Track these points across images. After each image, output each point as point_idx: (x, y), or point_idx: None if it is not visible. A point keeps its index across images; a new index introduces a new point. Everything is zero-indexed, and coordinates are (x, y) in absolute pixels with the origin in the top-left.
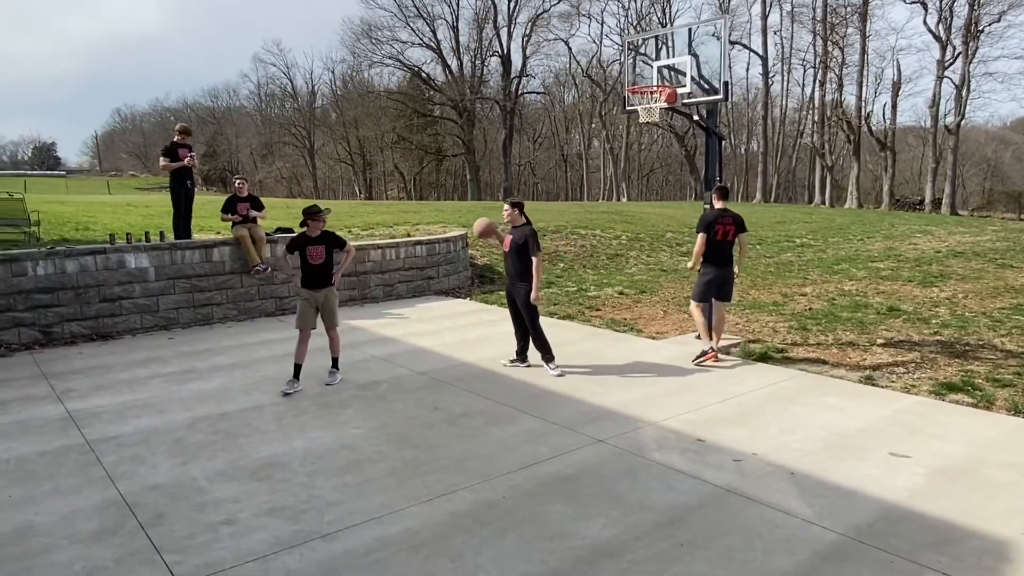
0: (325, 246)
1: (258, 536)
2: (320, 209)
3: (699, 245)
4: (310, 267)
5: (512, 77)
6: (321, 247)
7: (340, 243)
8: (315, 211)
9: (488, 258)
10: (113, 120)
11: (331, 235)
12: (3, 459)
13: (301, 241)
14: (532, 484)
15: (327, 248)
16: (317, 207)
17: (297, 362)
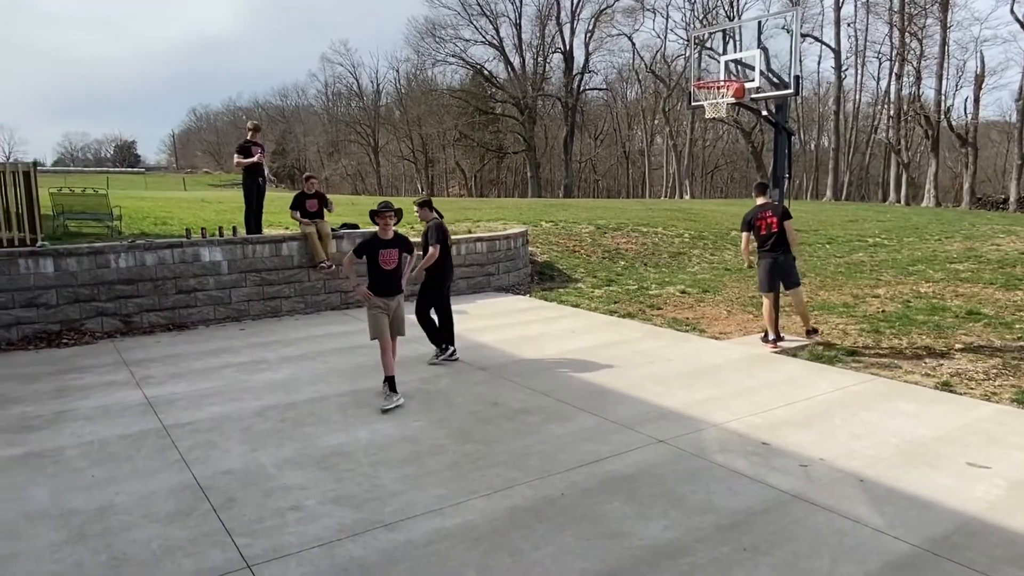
0: (398, 250)
1: (323, 523)
2: (392, 206)
3: (743, 243)
4: (382, 273)
5: (574, 74)
6: (394, 250)
7: (409, 247)
8: (385, 208)
9: (548, 255)
10: (189, 119)
11: (402, 238)
12: (87, 441)
13: (373, 244)
14: (591, 482)
15: (400, 252)
16: (389, 204)
17: (388, 374)
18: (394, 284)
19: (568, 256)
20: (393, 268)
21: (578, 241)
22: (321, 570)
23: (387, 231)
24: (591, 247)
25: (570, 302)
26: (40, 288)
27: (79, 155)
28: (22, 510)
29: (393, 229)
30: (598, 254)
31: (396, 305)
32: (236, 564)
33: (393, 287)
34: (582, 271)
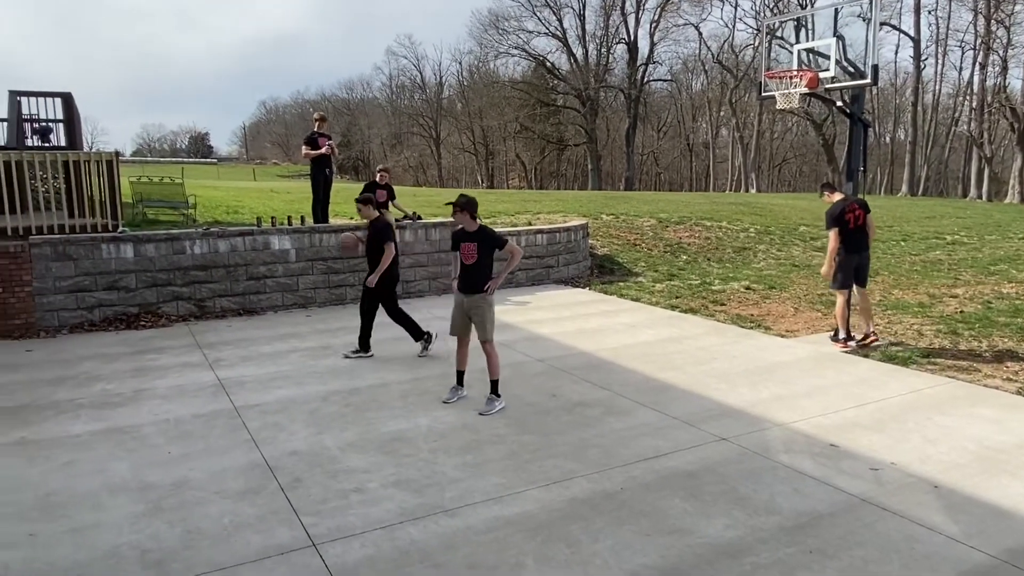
0: (477, 244)
1: (385, 506)
2: (469, 199)
3: (834, 241)
4: (463, 267)
5: (638, 65)
6: (472, 244)
7: (498, 242)
8: (459, 202)
9: (608, 248)
10: (259, 112)
11: (486, 232)
12: (164, 419)
13: (457, 236)
14: (650, 477)
15: (479, 247)
16: (466, 196)
17: (458, 368)
18: (471, 280)
19: (629, 249)
20: (472, 263)
21: (639, 234)
22: (383, 552)
23: (467, 224)
24: (652, 241)
25: (630, 296)
26: (120, 272)
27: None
28: (104, 482)
29: (478, 223)
30: (660, 248)
31: (472, 304)
32: (302, 542)
33: (469, 283)
34: (643, 265)
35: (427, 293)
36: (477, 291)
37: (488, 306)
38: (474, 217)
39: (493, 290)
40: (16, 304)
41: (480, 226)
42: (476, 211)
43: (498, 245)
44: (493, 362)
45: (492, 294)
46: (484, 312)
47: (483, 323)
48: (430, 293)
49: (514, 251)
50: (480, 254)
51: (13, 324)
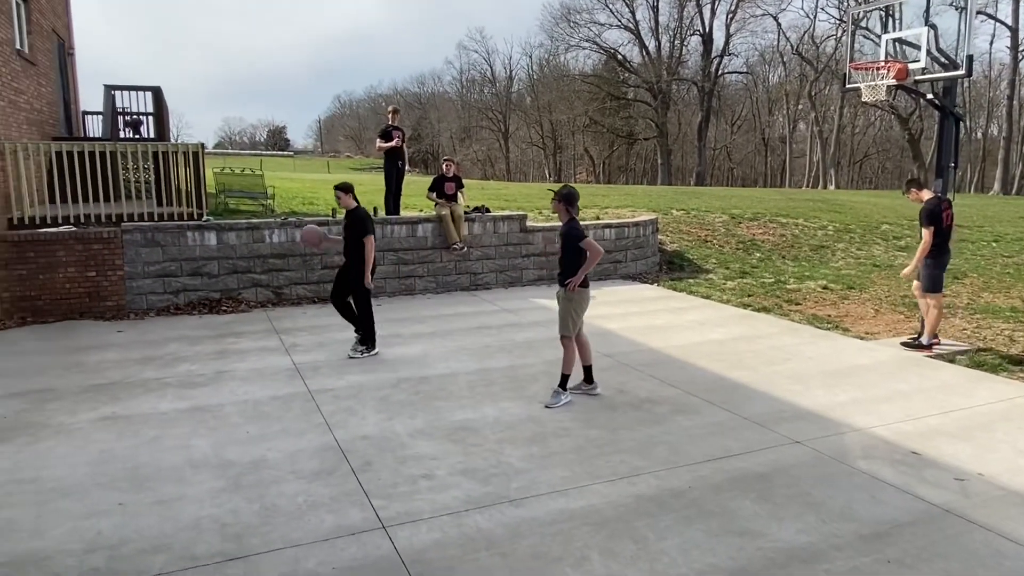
0: (562, 238)
1: (452, 493)
2: (570, 190)
3: (928, 238)
4: (558, 258)
5: (713, 57)
6: (560, 238)
7: (576, 237)
8: (560, 192)
9: (678, 244)
10: (333, 106)
11: (570, 226)
12: (243, 400)
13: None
14: (720, 477)
15: (563, 240)
16: (568, 188)
17: (583, 365)
18: (560, 273)
19: (699, 246)
20: (559, 257)
21: (710, 231)
22: (450, 537)
23: (560, 215)
24: (724, 237)
25: (700, 293)
26: (204, 259)
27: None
28: (188, 458)
29: (570, 216)
30: (732, 245)
31: (558, 296)
32: (372, 524)
33: (559, 276)
34: (714, 262)
35: (494, 286)
36: (561, 285)
37: (568, 301)
38: (569, 210)
39: (573, 288)
40: (109, 287)
41: (569, 219)
42: (574, 204)
43: (575, 240)
44: (566, 357)
45: (572, 291)
46: (564, 307)
47: (562, 317)
48: (497, 286)
49: (591, 247)
50: (564, 248)
51: (106, 305)
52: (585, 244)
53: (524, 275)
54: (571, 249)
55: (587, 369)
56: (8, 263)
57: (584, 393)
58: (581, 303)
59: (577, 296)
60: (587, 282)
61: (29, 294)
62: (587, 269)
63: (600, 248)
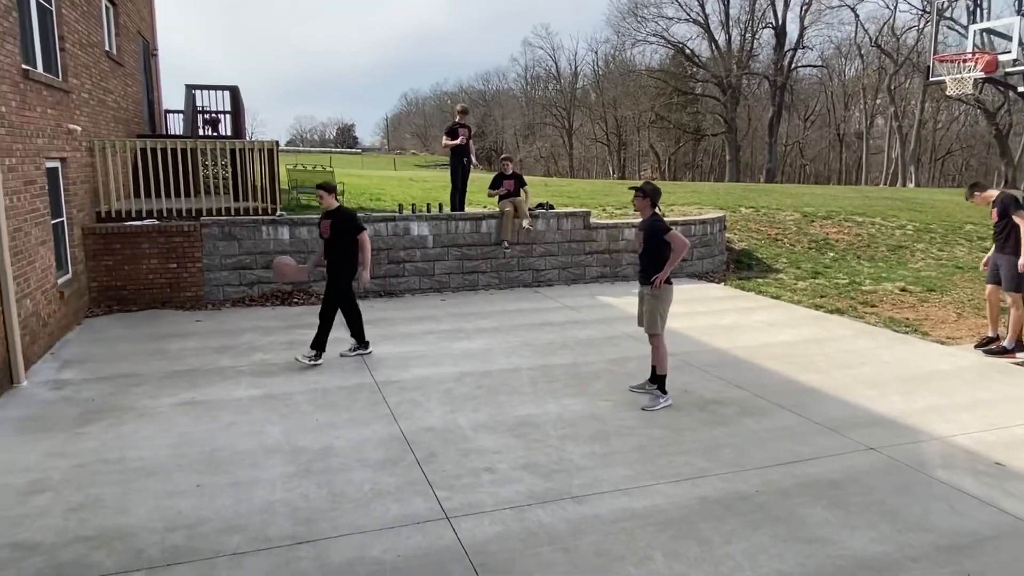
0: (644, 233)
1: (514, 487)
2: (654, 187)
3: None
4: (639, 256)
5: (786, 50)
6: (641, 233)
7: (660, 231)
8: (643, 187)
9: (747, 243)
10: (400, 104)
11: (652, 220)
12: (313, 389)
13: (638, 225)
14: (789, 482)
15: (645, 236)
16: (651, 184)
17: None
18: (642, 270)
19: (769, 244)
20: (641, 253)
21: (781, 229)
22: (512, 531)
23: (643, 211)
24: (796, 236)
25: (769, 293)
26: (277, 252)
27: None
28: (261, 443)
29: (652, 212)
30: (803, 244)
31: (643, 296)
32: (436, 514)
33: (641, 273)
34: (784, 261)
35: (556, 282)
36: (646, 282)
37: (655, 299)
38: (653, 206)
39: (659, 284)
40: (188, 278)
41: (651, 215)
42: (657, 200)
43: (659, 233)
44: (658, 356)
45: (658, 287)
46: (651, 305)
47: (649, 315)
48: (559, 282)
49: (675, 240)
50: (647, 244)
51: (185, 296)
52: (670, 237)
53: (587, 272)
54: (655, 245)
55: (655, 369)
56: (96, 254)
57: (645, 392)
58: (668, 300)
59: (664, 293)
60: (670, 279)
61: (115, 284)
62: (674, 263)
63: (686, 240)
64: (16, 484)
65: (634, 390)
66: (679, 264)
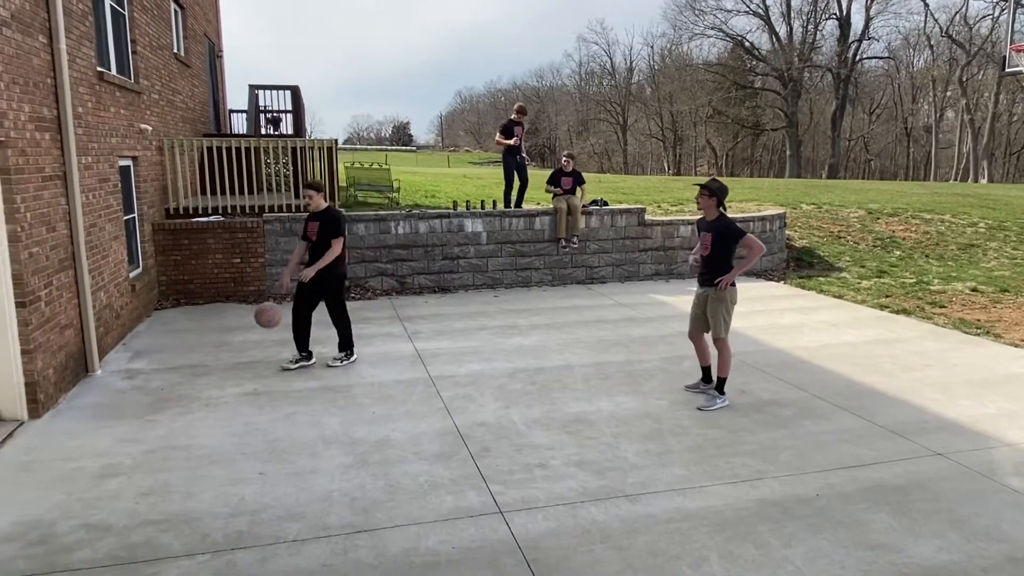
0: (712, 235)
1: (568, 483)
2: (721, 184)
3: None
4: (701, 258)
5: (850, 41)
6: (709, 235)
7: (734, 234)
8: (710, 186)
9: (808, 240)
10: (455, 101)
11: (723, 222)
12: (370, 382)
13: (699, 224)
14: (851, 487)
15: (714, 238)
16: (717, 181)
17: (701, 364)
18: (706, 272)
19: (831, 242)
20: (707, 255)
21: (844, 226)
22: (565, 527)
23: (708, 211)
24: (860, 233)
25: (832, 292)
26: None
27: (363, 134)
28: (319, 434)
29: (719, 212)
30: (868, 241)
31: (705, 299)
32: (490, 508)
33: (704, 275)
34: (847, 259)
35: (610, 280)
36: (710, 284)
37: (720, 302)
38: (719, 205)
39: (725, 286)
40: (251, 273)
41: (720, 215)
42: (724, 199)
43: (734, 237)
44: (723, 359)
45: (724, 289)
46: (716, 308)
47: (715, 318)
48: (613, 280)
49: (753, 245)
50: (715, 246)
51: (248, 290)
52: (747, 241)
53: (641, 269)
54: (725, 247)
55: (706, 370)
56: (165, 249)
57: (700, 392)
58: (733, 302)
59: (728, 295)
60: (733, 281)
61: (182, 278)
62: (746, 267)
63: (762, 245)
64: (90, 468)
65: (689, 389)
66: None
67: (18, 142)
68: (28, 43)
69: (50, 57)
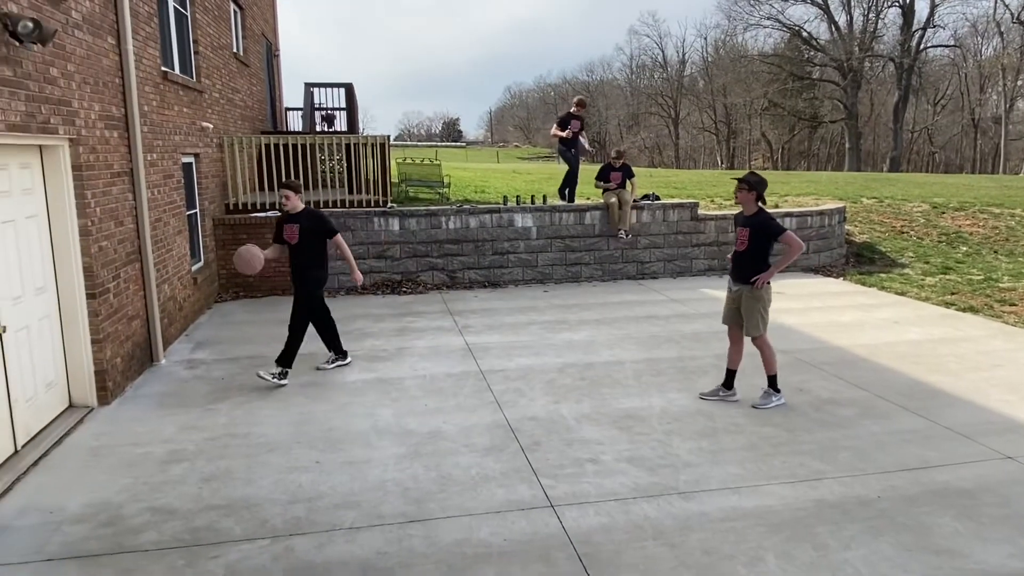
0: (750, 230)
1: (619, 479)
2: (760, 178)
3: None
4: (735, 253)
5: (914, 30)
6: (745, 230)
7: (772, 230)
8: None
9: (868, 235)
10: (504, 97)
11: (762, 218)
12: (421, 375)
13: (736, 218)
14: (914, 489)
15: (752, 233)
16: (756, 175)
17: (728, 367)
18: (740, 269)
19: (893, 237)
20: (743, 250)
21: (907, 221)
22: (617, 522)
23: (747, 206)
24: (924, 228)
25: (894, 289)
26: (388, 243)
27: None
28: (373, 425)
29: (759, 207)
30: (932, 237)
31: (740, 296)
32: (541, 501)
33: (739, 272)
34: (911, 255)
35: (661, 275)
36: (745, 282)
37: (755, 300)
38: (759, 199)
39: (761, 284)
40: None
41: (759, 210)
42: (763, 193)
43: (772, 234)
44: (766, 356)
45: (760, 288)
46: (752, 306)
47: (750, 317)
48: (664, 275)
49: (792, 242)
50: (752, 241)
51: None
52: (786, 238)
53: (694, 265)
54: (763, 244)
55: (731, 373)
56: (225, 243)
57: (720, 399)
58: (768, 300)
59: (764, 292)
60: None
61: (239, 272)
62: (784, 265)
63: (802, 242)
64: (156, 454)
65: (706, 397)
66: None
67: (89, 140)
68: (98, 44)
69: (118, 58)
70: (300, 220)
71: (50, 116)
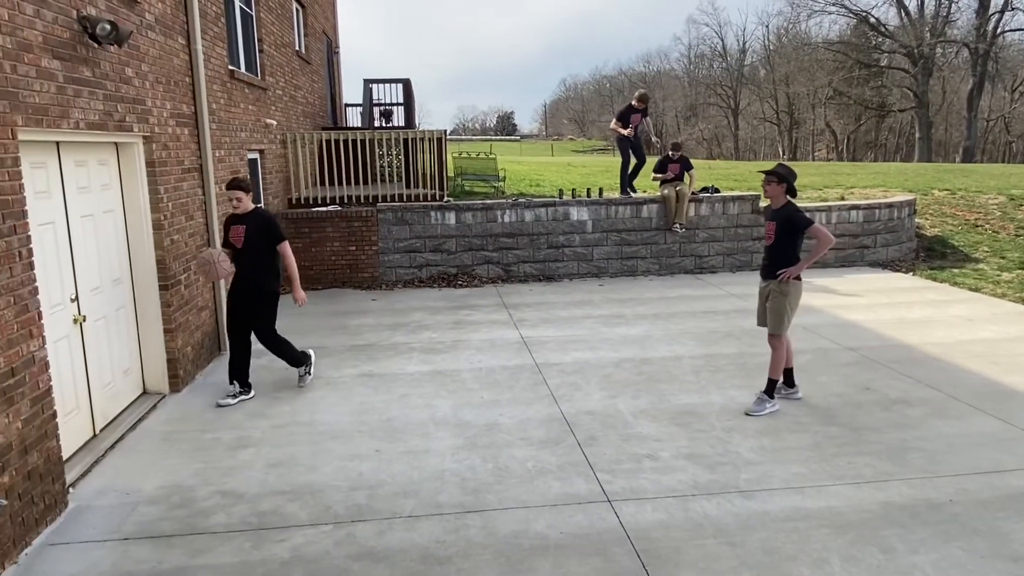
0: (776, 223)
1: (678, 476)
2: (788, 169)
3: None
4: (765, 248)
5: (990, 13)
6: (772, 224)
7: (798, 224)
8: (776, 171)
9: (940, 229)
10: (559, 89)
11: (789, 210)
12: (478, 368)
13: (765, 212)
14: (988, 493)
15: (778, 226)
16: (785, 166)
17: (785, 366)
18: (768, 263)
19: (967, 231)
20: (770, 244)
21: (982, 214)
22: (675, 519)
23: (775, 198)
24: (1000, 221)
25: (967, 285)
26: (444, 237)
27: (469, 125)
28: (431, 416)
29: (786, 200)
30: (1010, 230)
31: (767, 291)
32: (597, 496)
33: (767, 266)
34: (986, 249)
35: (720, 269)
36: (771, 276)
37: (782, 295)
38: (789, 192)
39: (787, 279)
40: (365, 260)
41: (786, 203)
42: (793, 185)
43: (799, 227)
44: (775, 358)
45: (787, 282)
46: (778, 302)
47: (774, 314)
48: (723, 269)
49: (821, 235)
50: (779, 234)
51: (362, 276)
52: (814, 231)
53: (754, 259)
54: (790, 238)
55: (788, 372)
56: (288, 237)
57: (784, 398)
58: (797, 297)
59: (793, 289)
60: (799, 275)
61: (303, 264)
62: (814, 259)
63: (831, 235)
64: (225, 439)
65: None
66: (859, 251)
67: (161, 137)
68: (169, 44)
69: (188, 57)
70: (247, 221)
71: (126, 114)
